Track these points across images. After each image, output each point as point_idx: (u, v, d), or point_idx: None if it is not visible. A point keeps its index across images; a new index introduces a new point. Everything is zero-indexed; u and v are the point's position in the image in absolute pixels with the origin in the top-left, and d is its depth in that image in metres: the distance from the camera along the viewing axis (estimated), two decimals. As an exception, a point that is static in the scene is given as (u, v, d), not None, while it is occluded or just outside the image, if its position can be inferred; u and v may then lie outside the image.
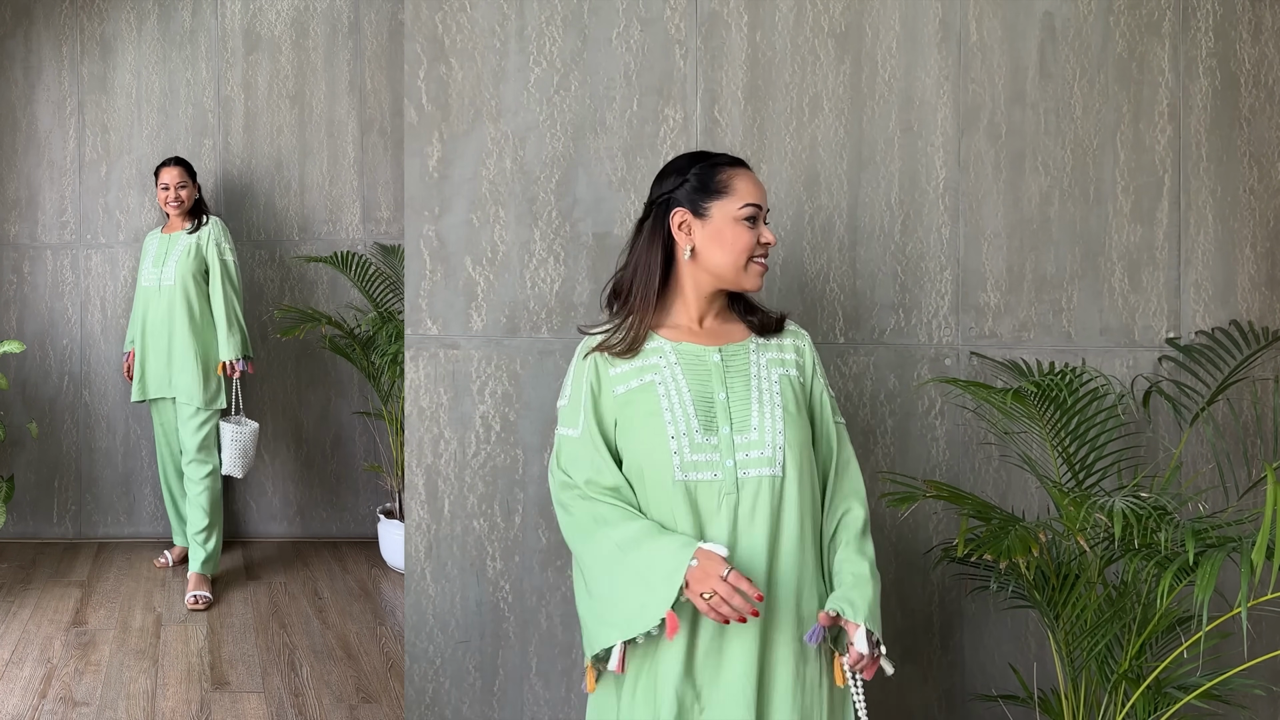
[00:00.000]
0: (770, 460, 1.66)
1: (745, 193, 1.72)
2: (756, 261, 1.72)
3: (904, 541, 2.40)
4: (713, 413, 1.69)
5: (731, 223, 1.71)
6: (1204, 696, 1.97)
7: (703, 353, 1.73)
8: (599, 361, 1.75)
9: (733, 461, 1.66)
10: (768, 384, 1.72)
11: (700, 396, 1.70)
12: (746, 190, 1.72)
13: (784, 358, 1.77)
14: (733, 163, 1.75)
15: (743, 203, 1.71)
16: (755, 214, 1.71)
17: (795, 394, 1.74)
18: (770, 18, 2.38)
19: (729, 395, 1.70)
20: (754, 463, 1.66)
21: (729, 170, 1.74)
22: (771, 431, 1.67)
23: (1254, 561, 1.55)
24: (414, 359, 2.34)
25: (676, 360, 1.72)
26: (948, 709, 2.43)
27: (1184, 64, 2.44)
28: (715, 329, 1.77)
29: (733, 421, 1.68)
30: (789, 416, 1.70)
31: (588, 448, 1.72)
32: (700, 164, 1.75)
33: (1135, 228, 2.43)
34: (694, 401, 1.69)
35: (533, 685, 2.36)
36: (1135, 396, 2.40)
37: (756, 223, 1.72)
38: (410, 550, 2.35)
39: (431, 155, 2.35)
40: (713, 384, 1.71)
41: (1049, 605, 2.07)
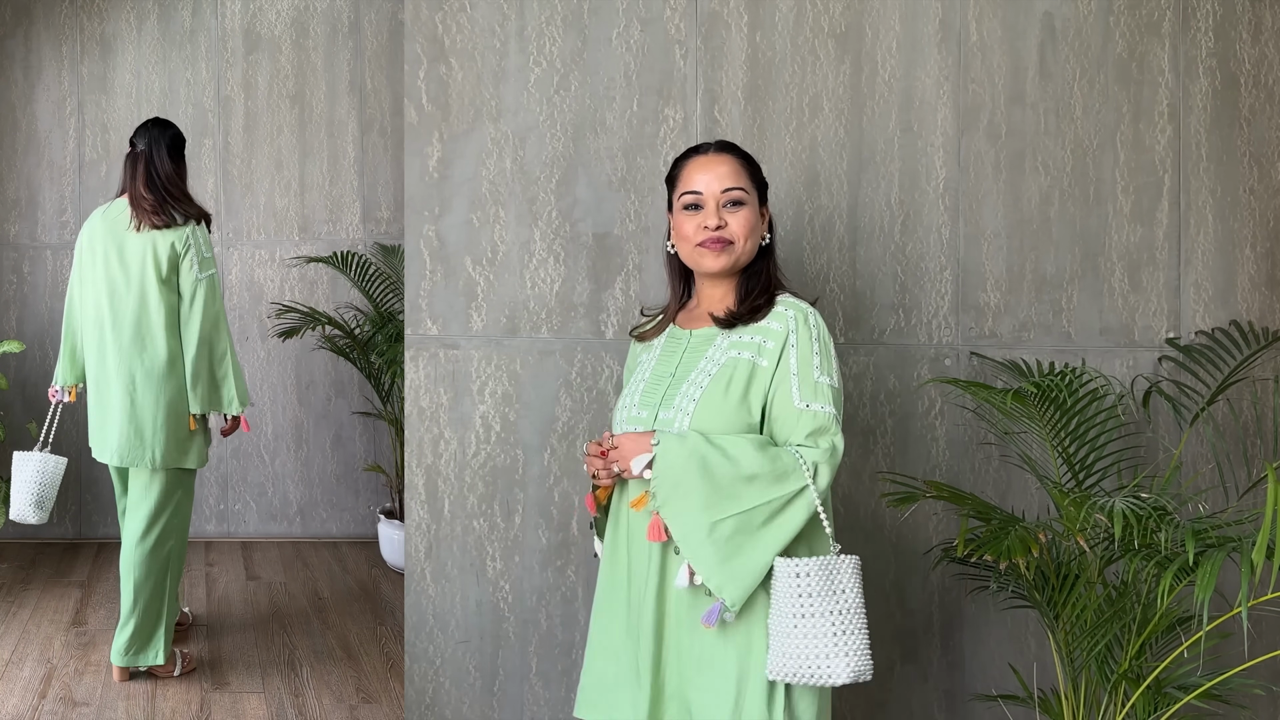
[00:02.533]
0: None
1: (685, 180, 1.75)
2: (703, 246, 1.72)
3: (904, 541, 2.40)
4: (658, 390, 1.74)
5: (680, 212, 1.76)
6: (1204, 696, 1.97)
7: (682, 335, 1.79)
8: (631, 349, 1.90)
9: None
10: (710, 365, 1.71)
11: (656, 375, 1.76)
12: (688, 178, 1.75)
13: (747, 340, 1.70)
14: (695, 151, 1.79)
15: (682, 190, 1.75)
16: (695, 200, 1.73)
17: (735, 377, 1.67)
18: (770, 18, 2.38)
19: (676, 375, 1.74)
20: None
21: (685, 162, 1.78)
22: (684, 412, 1.67)
23: (1254, 561, 1.55)
24: (414, 359, 2.34)
25: (663, 342, 1.81)
26: (948, 709, 2.43)
27: (1184, 64, 2.44)
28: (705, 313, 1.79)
29: (664, 398, 1.72)
30: (708, 398, 1.66)
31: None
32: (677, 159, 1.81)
33: (1135, 228, 2.43)
34: (649, 379, 1.76)
35: (533, 685, 2.36)
36: (1135, 397, 2.40)
37: (700, 209, 1.73)
38: (410, 550, 2.35)
39: (431, 155, 2.35)
40: (673, 364, 1.76)
41: (1049, 605, 2.06)
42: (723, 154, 1.76)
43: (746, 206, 1.73)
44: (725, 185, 1.73)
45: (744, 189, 1.74)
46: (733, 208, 1.72)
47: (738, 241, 1.72)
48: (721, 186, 1.73)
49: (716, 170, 1.73)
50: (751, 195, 1.75)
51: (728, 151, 1.77)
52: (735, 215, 1.72)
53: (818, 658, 1.56)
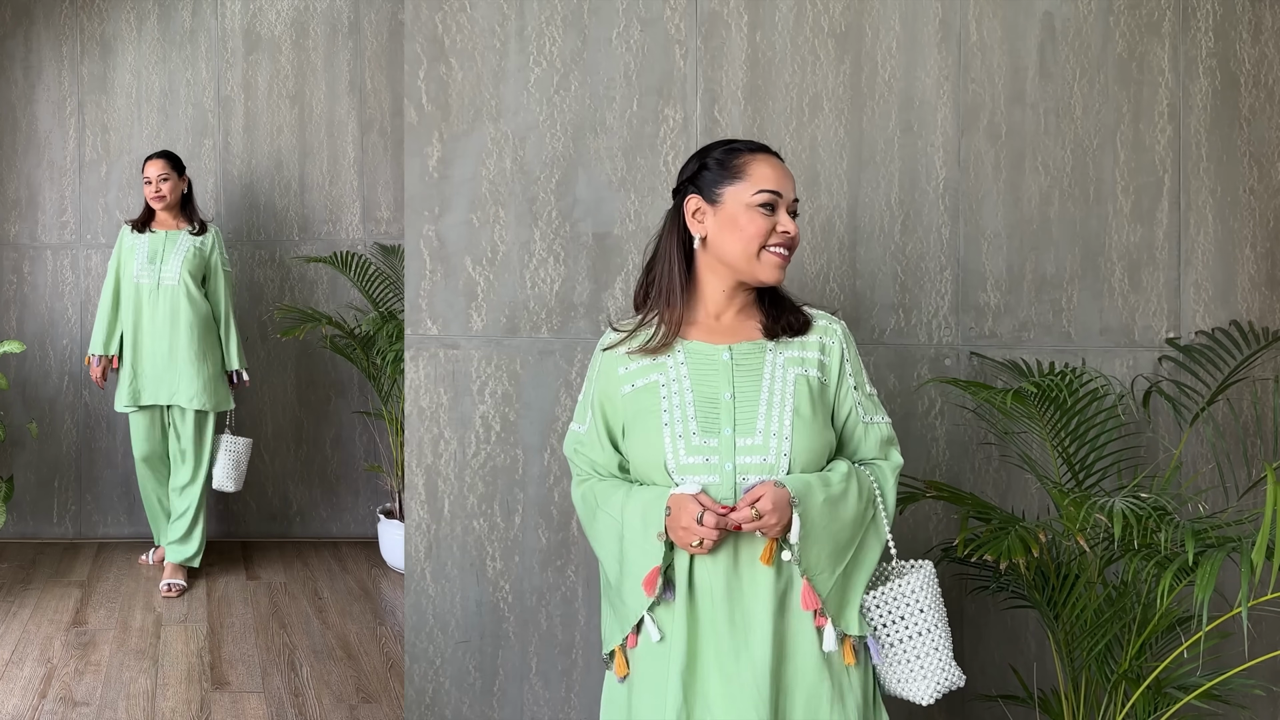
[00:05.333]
0: (772, 467, 1.57)
1: (761, 178, 1.62)
2: (771, 251, 1.62)
3: (904, 541, 2.40)
4: (716, 414, 1.60)
5: (745, 209, 1.61)
6: (1204, 696, 1.97)
7: (712, 351, 1.65)
8: (611, 360, 1.70)
9: (732, 465, 1.57)
10: (780, 384, 1.62)
11: (704, 397, 1.61)
12: (763, 175, 1.62)
13: (805, 356, 1.65)
14: (754, 148, 1.66)
15: (758, 188, 1.61)
16: (772, 200, 1.61)
17: (813, 396, 1.63)
18: (770, 18, 2.38)
19: (735, 396, 1.61)
20: (754, 468, 1.57)
21: (747, 155, 1.65)
22: (778, 437, 1.58)
23: (1254, 561, 1.55)
24: (414, 359, 2.34)
25: (684, 359, 1.65)
26: (948, 709, 2.43)
27: (1184, 64, 2.44)
28: (733, 326, 1.68)
29: (736, 423, 1.59)
30: (800, 420, 1.59)
31: (594, 443, 1.71)
32: (720, 149, 1.67)
33: (1135, 228, 2.43)
34: (695, 402, 1.61)
35: (533, 685, 2.36)
36: (1135, 397, 2.39)
37: (775, 210, 1.62)
38: (410, 550, 2.35)
39: (431, 155, 2.35)
40: (719, 384, 1.62)
41: (1049, 605, 2.06)
42: (782, 161, 1.68)
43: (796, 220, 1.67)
44: (794, 195, 1.66)
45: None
46: (793, 219, 1.65)
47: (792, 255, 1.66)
48: (793, 195, 1.65)
49: (787, 176, 1.65)
50: None
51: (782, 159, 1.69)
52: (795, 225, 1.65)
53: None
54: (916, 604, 1.64)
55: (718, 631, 1.57)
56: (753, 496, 1.51)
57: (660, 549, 1.55)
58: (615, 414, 1.69)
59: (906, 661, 1.63)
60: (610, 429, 1.70)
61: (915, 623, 1.63)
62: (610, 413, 1.69)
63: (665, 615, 1.59)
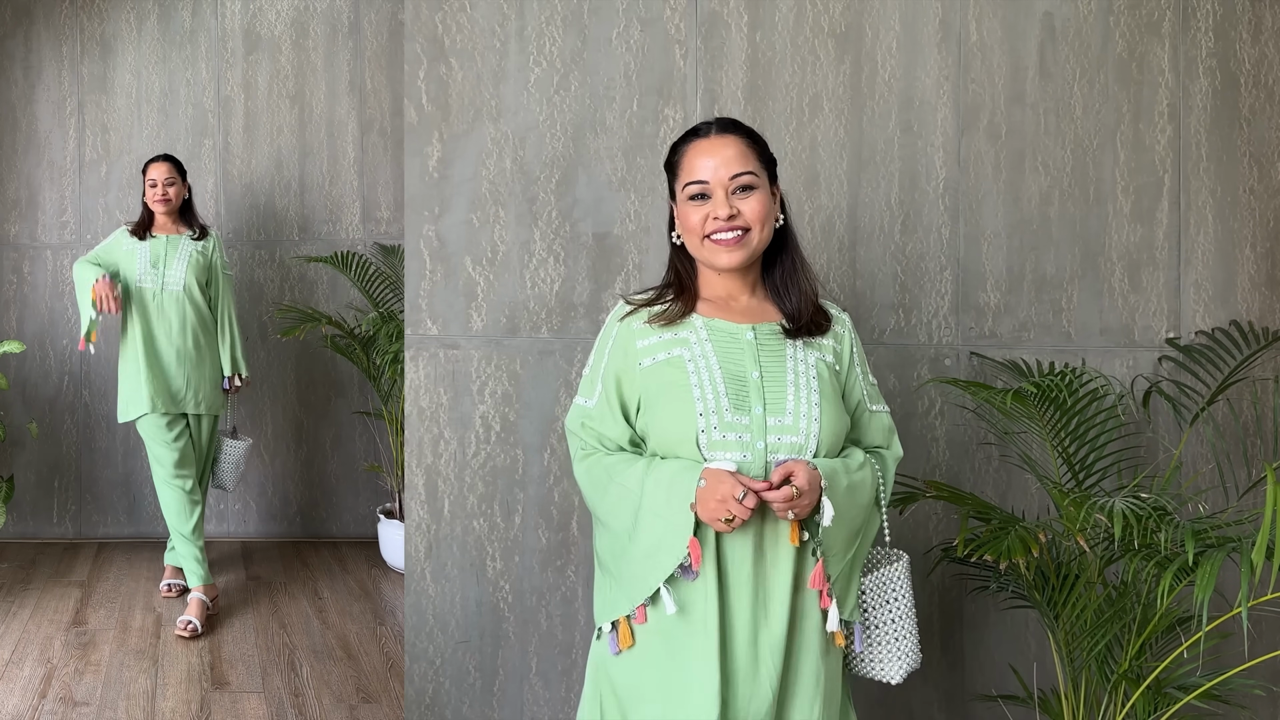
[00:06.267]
0: (801, 447, 1.56)
1: (688, 170, 1.60)
2: (712, 240, 1.58)
3: (904, 541, 2.40)
4: (745, 392, 1.58)
5: (684, 203, 1.60)
6: (1204, 696, 1.97)
7: (736, 330, 1.63)
8: (627, 332, 1.66)
9: (764, 444, 1.56)
10: (804, 367, 1.62)
11: (732, 375, 1.59)
12: (690, 167, 1.59)
13: (821, 342, 1.66)
14: (694, 135, 1.63)
15: (685, 181, 1.60)
16: (701, 190, 1.58)
17: (835, 382, 1.65)
18: (770, 18, 2.38)
19: (763, 375, 1.59)
20: (786, 447, 1.56)
21: (684, 146, 1.63)
22: (807, 418, 1.57)
23: (1254, 561, 1.55)
24: (414, 359, 2.34)
25: (708, 336, 1.62)
26: (948, 709, 2.43)
27: (1184, 64, 2.44)
28: (752, 307, 1.66)
29: (766, 402, 1.58)
30: (826, 403, 1.60)
31: (605, 416, 1.66)
32: (674, 144, 1.66)
33: (1135, 228, 2.43)
34: (725, 379, 1.59)
35: (533, 685, 2.36)
36: (1135, 397, 2.39)
37: (708, 199, 1.58)
38: (410, 550, 2.35)
39: (431, 155, 2.35)
40: (745, 362, 1.60)
41: (1049, 605, 2.06)
42: (726, 135, 1.60)
43: (758, 190, 1.58)
44: (734, 171, 1.57)
45: (753, 172, 1.58)
46: (743, 193, 1.58)
47: (753, 229, 1.58)
48: (730, 172, 1.57)
49: (722, 154, 1.58)
50: (762, 177, 1.60)
51: (731, 131, 1.61)
52: (747, 201, 1.57)
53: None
54: (903, 588, 1.71)
55: (742, 607, 1.57)
56: (785, 471, 1.50)
57: (691, 520, 1.53)
58: (631, 387, 1.65)
59: (888, 643, 1.70)
60: (625, 402, 1.66)
61: (899, 606, 1.70)
62: (626, 385, 1.65)
63: (690, 590, 1.58)
